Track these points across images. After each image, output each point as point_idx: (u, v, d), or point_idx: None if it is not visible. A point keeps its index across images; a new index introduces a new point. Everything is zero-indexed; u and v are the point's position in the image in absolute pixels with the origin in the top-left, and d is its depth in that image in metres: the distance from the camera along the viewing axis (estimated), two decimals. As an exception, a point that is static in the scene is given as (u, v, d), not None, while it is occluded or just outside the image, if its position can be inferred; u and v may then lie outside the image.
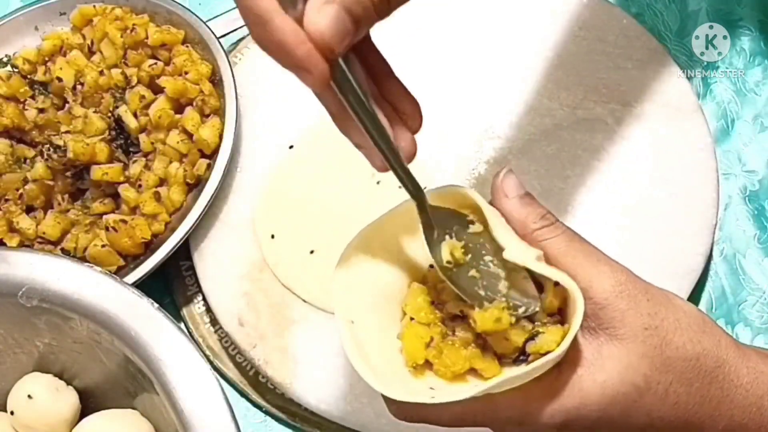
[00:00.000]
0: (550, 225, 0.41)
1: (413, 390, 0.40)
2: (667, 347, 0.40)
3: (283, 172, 0.66)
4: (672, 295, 0.42)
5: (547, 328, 0.40)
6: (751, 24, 0.73)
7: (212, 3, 0.76)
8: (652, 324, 0.39)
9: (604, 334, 0.40)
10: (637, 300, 0.40)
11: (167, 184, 0.64)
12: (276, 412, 0.61)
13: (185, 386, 0.48)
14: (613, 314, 0.39)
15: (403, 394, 0.39)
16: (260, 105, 0.69)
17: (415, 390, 0.41)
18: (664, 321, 0.40)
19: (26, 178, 0.65)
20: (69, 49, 0.69)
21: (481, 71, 0.69)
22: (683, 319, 0.40)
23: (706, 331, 0.41)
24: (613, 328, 0.39)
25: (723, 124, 0.69)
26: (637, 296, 0.40)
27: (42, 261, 0.53)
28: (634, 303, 0.40)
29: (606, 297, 0.39)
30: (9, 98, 0.69)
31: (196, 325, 0.64)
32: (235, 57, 0.71)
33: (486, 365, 0.41)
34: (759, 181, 0.67)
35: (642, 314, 0.39)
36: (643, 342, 0.39)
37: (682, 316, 0.41)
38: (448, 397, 0.39)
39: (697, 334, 0.40)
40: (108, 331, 0.50)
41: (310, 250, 0.63)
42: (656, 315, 0.40)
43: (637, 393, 0.39)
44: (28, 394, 0.54)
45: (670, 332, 0.40)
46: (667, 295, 0.41)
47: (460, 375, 0.41)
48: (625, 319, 0.39)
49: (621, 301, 0.39)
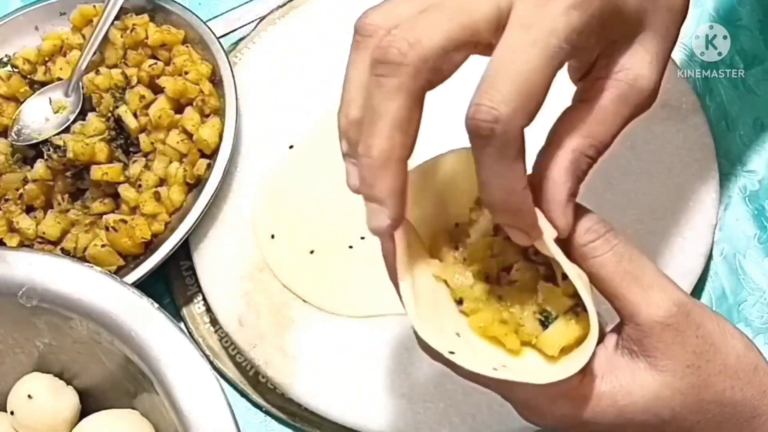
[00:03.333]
0: (598, 239, 0.38)
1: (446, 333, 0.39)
2: (705, 390, 0.38)
3: (283, 172, 0.66)
4: (731, 333, 0.39)
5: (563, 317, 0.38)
6: (751, 24, 0.73)
7: (212, 3, 0.76)
8: (695, 363, 0.37)
9: (645, 360, 0.38)
10: (685, 335, 0.37)
11: (167, 184, 0.64)
12: (276, 412, 0.61)
13: (185, 386, 0.48)
14: (656, 345, 0.37)
15: (433, 337, 0.37)
16: (260, 105, 0.69)
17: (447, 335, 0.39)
18: (710, 362, 0.38)
19: (26, 178, 0.65)
20: (69, 49, 0.70)
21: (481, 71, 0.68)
22: (732, 364, 0.38)
23: (753, 380, 0.39)
24: (654, 357, 0.37)
25: (723, 124, 0.69)
26: (686, 331, 0.37)
27: (42, 261, 0.53)
28: (681, 338, 0.37)
29: (652, 327, 0.37)
30: (9, 98, 0.69)
31: (196, 325, 0.64)
32: (235, 57, 0.71)
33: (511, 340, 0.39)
34: (759, 181, 0.67)
35: (687, 351, 0.37)
36: (682, 378, 0.37)
37: (732, 360, 0.38)
38: (464, 362, 0.37)
39: (742, 382, 0.38)
40: (108, 331, 0.50)
41: (310, 250, 0.63)
42: (702, 355, 0.38)
43: (658, 423, 0.38)
44: (28, 394, 0.54)
45: (713, 375, 0.38)
46: (724, 333, 0.39)
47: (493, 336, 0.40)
48: (669, 352, 0.37)
49: (667, 333, 0.37)
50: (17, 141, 0.66)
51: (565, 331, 0.38)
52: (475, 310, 0.40)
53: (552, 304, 0.39)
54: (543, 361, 0.39)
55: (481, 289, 0.40)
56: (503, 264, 0.40)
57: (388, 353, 0.59)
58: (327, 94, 0.68)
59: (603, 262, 0.38)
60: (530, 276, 0.39)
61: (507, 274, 0.40)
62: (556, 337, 0.38)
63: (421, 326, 0.37)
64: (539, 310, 0.39)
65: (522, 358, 0.39)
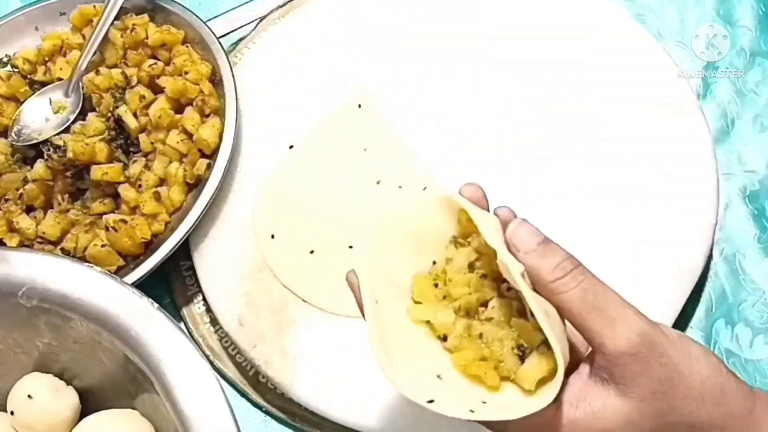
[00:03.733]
0: (565, 276, 0.40)
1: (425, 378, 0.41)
2: (672, 413, 0.40)
3: (283, 172, 0.66)
4: (696, 358, 0.41)
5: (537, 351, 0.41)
6: (751, 24, 0.73)
7: (212, 3, 0.76)
8: (660, 389, 0.40)
9: (614, 387, 0.40)
10: (649, 364, 0.40)
11: (167, 184, 0.64)
12: (276, 412, 0.61)
13: (185, 386, 0.48)
14: (623, 373, 0.40)
15: (408, 387, 0.40)
16: (260, 105, 0.69)
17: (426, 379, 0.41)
18: (675, 387, 0.40)
19: (26, 178, 0.65)
20: (69, 49, 0.70)
21: (481, 71, 0.69)
22: (697, 388, 0.40)
23: (720, 402, 0.41)
24: (623, 385, 0.40)
25: (723, 124, 0.69)
26: (650, 360, 0.40)
27: (42, 261, 0.53)
28: (646, 367, 0.40)
29: (618, 357, 0.39)
30: (9, 98, 0.69)
31: (196, 325, 0.64)
32: (235, 57, 0.71)
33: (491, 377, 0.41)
34: (759, 181, 0.67)
35: (653, 379, 0.40)
36: (649, 404, 0.40)
37: (696, 384, 0.40)
38: (442, 409, 0.39)
39: (708, 405, 0.41)
40: (108, 331, 0.50)
41: (310, 250, 0.63)
42: (667, 381, 0.40)
43: None
44: (28, 394, 0.54)
45: (678, 399, 0.40)
46: (689, 359, 0.41)
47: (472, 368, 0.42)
48: (635, 380, 0.40)
49: (633, 363, 0.39)
50: (17, 141, 0.66)
51: (539, 364, 0.41)
52: (459, 347, 0.42)
53: (525, 339, 0.41)
54: (521, 395, 0.41)
55: (462, 325, 0.42)
56: (480, 300, 0.43)
57: (388, 353, 0.59)
58: (327, 94, 0.69)
59: (570, 297, 0.40)
60: (505, 311, 0.42)
61: (484, 308, 0.43)
62: (532, 371, 0.41)
63: (399, 380, 0.40)
64: (516, 344, 0.41)
65: (501, 393, 0.41)
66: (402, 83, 0.69)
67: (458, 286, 0.43)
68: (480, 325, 0.42)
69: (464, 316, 0.43)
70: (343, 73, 0.69)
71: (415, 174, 0.65)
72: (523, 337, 0.41)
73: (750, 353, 0.61)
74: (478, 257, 0.43)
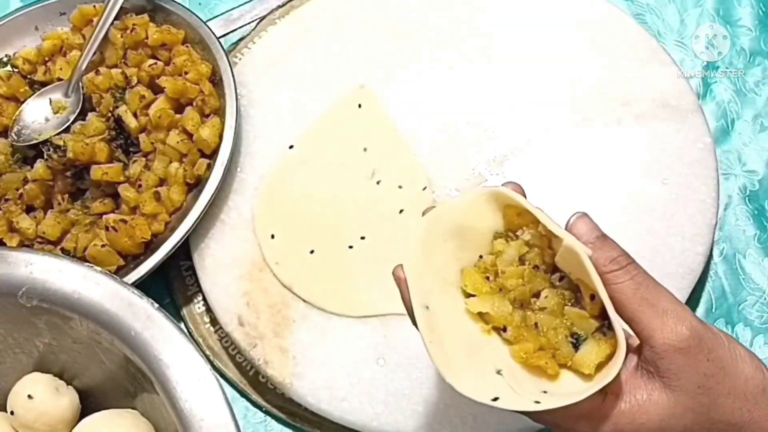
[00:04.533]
0: (619, 270, 0.42)
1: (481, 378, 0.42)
2: (714, 409, 0.41)
3: (283, 172, 0.66)
4: (741, 357, 0.42)
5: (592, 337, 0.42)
6: (751, 24, 0.73)
7: (212, 3, 0.76)
8: (706, 384, 0.41)
9: (660, 381, 0.41)
10: (697, 359, 0.40)
11: (167, 184, 0.64)
12: (276, 412, 0.61)
13: (185, 386, 0.48)
14: (669, 366, 0.40)
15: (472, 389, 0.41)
16: (260, 105, 0.69)
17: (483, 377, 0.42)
18: (719, 384, 0.41)
19: (26, 178, 0.65)
20: (69, 49, 0.69)
21: (481, 71, 0.69)
22: (740, 386, 0.41)
23: (760, 402, 0.41)
24: (668, 378, 0.41)
25: (723, 124, 0.69)
26: (697, 355, 0.41)
27: (42, 261, 0.53)
28: (693, 361, 0.40)
29: (666, 350, 0.40)
30: (9, 98, 0.69)
31: (196, 325, 0.64)
32: (235, 57, 0.71)
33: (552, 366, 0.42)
34: (759, 181, 0.67)
35: (698, 373, 0.40)
36: (693, 398, 0.40)
37: (740, 382, 0.41)
38: (507, 405, 0.40)
39: (750, 404, 0.41)
40: (108, 331, 0.50)
41: (310, 250, 0.63)
42: (713, 377, 0.41)
43: None
44: (28, 394, 0.54)
45: (722, 396, 0.41)
46: (734, 357, 0.42)
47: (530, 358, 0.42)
48: (681, 374, 0.40)
49: (679, 356, 0.40)
50: (17, 141, 0.66)
51: (598, 349, 0.41)
52: (518, 337, 0.43)
53: (581, 327, 0.42)
54: (579, 380, 0.42)
55: (519, 316, 0.43)
56: (533, 291, 0.43)
57: (389, 353, 0.59)
58: (327, 94, 0.69)
59: (623, 288, 0.41)
60: (557, 302, 0.43)
61: (535, 299, 0.43)
62: (591, 355, 0.41)
63: (462, 384, 0.40)
64: (569, 333, 0.42)
65: (560, 380, 0.42)
66: (402, 83, 0.69)
67: (512, 278, 0.43)
68: (534, 315, 0.43)
69: (518, 307, 0.43)
70: (343, 73, 0.69)
71: (415, 174, 0.65)
72: (577, 325, 0.42)
73: (750, 353, 0.61)
74: (528, 251, 0.44)
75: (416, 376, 0.58)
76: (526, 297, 0.43)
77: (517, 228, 0.44)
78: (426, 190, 0.64)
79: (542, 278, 0.43)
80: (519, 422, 0.56)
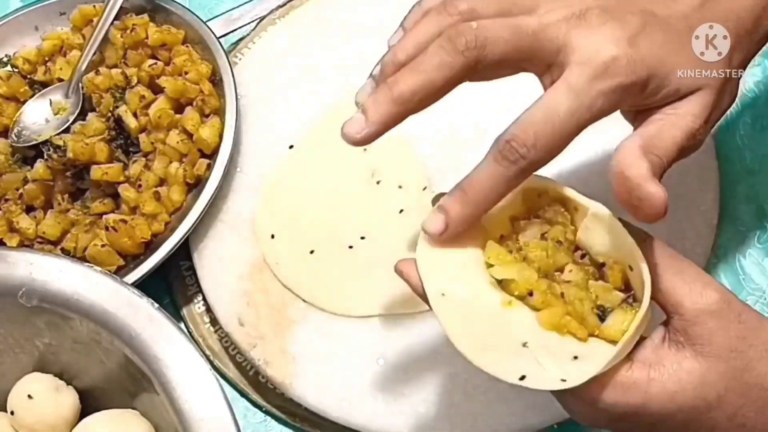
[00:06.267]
0: (641, 243, 0.42)
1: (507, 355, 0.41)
2: (748, 373, 0.40)
3: (283, 172, 0.66)
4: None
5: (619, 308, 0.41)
6: (751, 24, 0.73)
7: (212, 3, 0.76)
8: (738, 347, 0.40)
9: (690, 349, 0.40)
10: (728, 320, 0.40)
11: (167, 184, 0.64)
12: (276, 412, 0.61)
13: (185, 386, 0.48)
14: (701, 332, 0.40)
15: (498, 368, 0.40)
16: (260, 105, 0.69)
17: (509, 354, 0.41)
18: (752, 347, 0.40)
19: (26, 178, 0.65)
20: (69, 49, 0.70)
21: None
22: None
23: None
24: (700, 345, 0.40)
25: (723, 124, 0.69)
26: (729, 317, 0.40)
27: (42, 261, 0.53)
28: (724, 323, 0.40)
29: (696, 315, 0.40)
30: (9, 98, 0.69)
31: (196, 325, 0.64)
32: (235, 57, 0.71)
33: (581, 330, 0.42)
34: (759, 181, 0.67)
35: (730, 336, 0.40)
36: (726, 362, 0.40)
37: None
38: (535, 384, 0.40)
39: None
40: (108, 331, 0.50)
41: (310, 250, 0.63)
42: (745, 339, 0.40)
43: (706, 407, 0.40)
44: (28, 394, 0.54)
45: (755, 359, 0.40)
46: (762, 321, 0.42)
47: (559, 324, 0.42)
48: (713, 338, 0.40)
49: (711, 320, 0.40)
50: (17, 143, 0.66)
51: (625, 317, 0.41)
52: (546, 302, 0.42)
53: (606, 300, 0.42)
54: (608, 349, 0.41)
55: (545, 284, 0.43)
56: (556, 266, 0.43)
57: (389, 353, 0.59)
58: (327, 93, 0.69)
59: None
60: (581, 276, 0.43)
61: (560, 274, 0.43)
62: (619, 324, 0.41)
63: (489, 365, 0.41)
64: (594, 305, 0.42)
65: (590, 345, 0.41)
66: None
67: (535, 250, 0.43)
68: (559, 286, 0.43)
69: (543, 277, 0.43)
70: (343, 73, 0.69)
71: (415, 174, 0.65)
72: (602, 298, 0.42)
73: (750, 353, 0.61)
74: (550, 228, 0.44)
75: (416, 376, 0.58)
76: (550, 269, 0.43)
77: (536, 210, 0.45)
78: (426, 190, 0.64)
79: (565, 253, 0.43)
80: (519, 422, 0.56)
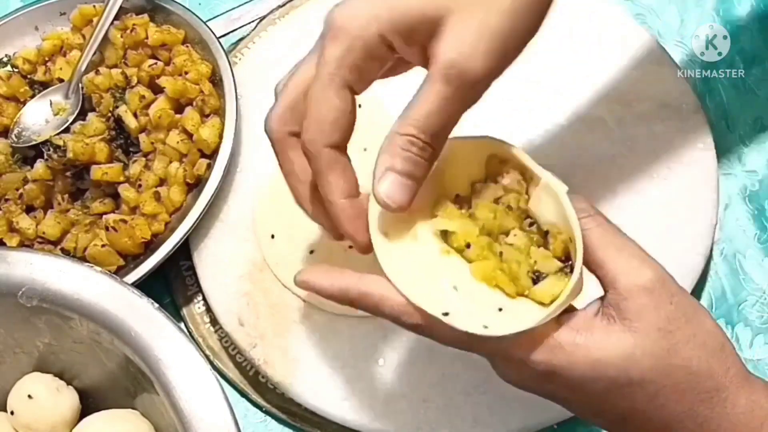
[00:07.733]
0: (587, 217, 0.42)
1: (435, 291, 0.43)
2: (674, 355, 0.40)
3: (283, 172, 0.66)
4: (703, 312, 0.42)
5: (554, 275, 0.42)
6: (751, 24, 0.73)
7: (212, 3, 0.76)
8: (666, 327, 0.40)
9: (621, 323, 0.41)
10: (660, 300, 0.41)
11: (167, 184, 0.64)
12: (276, 412, 0.61)
13: (185, 386, 0.48)
14: (632, 307, 0.41)
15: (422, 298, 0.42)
16: (260, 105, 0.69)
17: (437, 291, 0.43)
18: (680, 329, 0.41)
19: (26, 178, 0.65)
20: (69, 49, 0.70)
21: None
22: (700, 336, 0.41)
23: (718, 356, 0.41)
24: (629, 320, 0.41)
25: (723, 124, 0.69)
26: (661, 295, 0.41)
27: (42, 261, 0.53)
28: (656, 301, 0.41)
29: (629, 290, 0.41)
30: (9, 98, 0.69)
31: (196, 325, 0.64)
32: (235, 57, 0.71)
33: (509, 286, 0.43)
34: (759, 181, 0.67)
35: (660, 316, 0.40)
36: (654, 341, 0.40)
37: (701, 332, 0.41)
38: (459, 322, 0.41)
39: (708, 355, 0.41)
40: (108, 331, 0.50)
41: (310, 250, 0.63)
42: (674, 321, 0.41)
43: (627, 382, 0.40)
44: (28, 394, 0.54)
45: (682, 342, 0.41)
46: (696, 310, 0.42)
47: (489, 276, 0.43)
48: (642, 314, 0.40)
49: (643, 296, 0.41)
50: (17, 143, 0.66)
51: (557, 283, 0.42)
52: (482, 256, 0.44)
53: (544, 266, 0.43)
54: (536, 309, 0.42)
55: (485, 241, 0.44)
56: (502, 229, 0.45)
57: (389, 353, 0.59)
58: (327, 94, 0.68)
59: (590, 234, 0.42)
60: (524, 242, 0.44)
61: (505, 237, 0.45)
62: (549, 287, 0.42)
63: (411, 291, 0.42)
64: (532, 269, 0.43)
65: (517, 302, 0.43)
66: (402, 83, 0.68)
67: (484, 210, 0.45)
68: (500, 246, 0.44)
69: (486, 235, 0.44)
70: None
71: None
72: (540, 265, 0.43)
73: (750, 353, 0.61)
74: (504, 194, 0.45)
75: (416, 376, 0.58)
76: (495, 230, 0.44)
77: (496, 176, 0.46)
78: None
79: (514, 218, 0.44)
80: (519, 422, 0.56)
